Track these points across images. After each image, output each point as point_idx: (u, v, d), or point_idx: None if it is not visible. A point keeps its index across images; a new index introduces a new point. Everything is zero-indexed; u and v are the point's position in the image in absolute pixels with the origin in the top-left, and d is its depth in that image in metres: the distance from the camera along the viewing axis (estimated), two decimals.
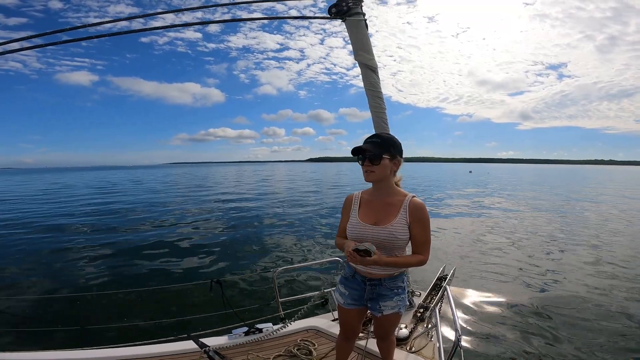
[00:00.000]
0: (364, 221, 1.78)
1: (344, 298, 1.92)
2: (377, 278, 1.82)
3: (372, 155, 1.71)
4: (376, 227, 1.73)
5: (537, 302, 5.32)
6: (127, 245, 9.21)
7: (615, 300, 5.46)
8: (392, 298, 1.83)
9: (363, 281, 1.85)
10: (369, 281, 1.84)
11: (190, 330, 2.54)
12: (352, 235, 1.79)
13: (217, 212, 15.08)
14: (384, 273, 1.81)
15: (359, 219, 1.79)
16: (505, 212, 15.69)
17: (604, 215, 14.64)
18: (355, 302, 1.90)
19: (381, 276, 1.82)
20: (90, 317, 4.75)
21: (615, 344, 4.16)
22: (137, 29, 2.67)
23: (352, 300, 1.90)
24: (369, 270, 1.81)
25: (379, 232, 1.72)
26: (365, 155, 1.72)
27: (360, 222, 1.78)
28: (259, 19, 2.74)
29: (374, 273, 1.81)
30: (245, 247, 8.92)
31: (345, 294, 1.91)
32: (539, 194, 25.02)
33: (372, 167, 1.72)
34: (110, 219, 13.57)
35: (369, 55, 2.92)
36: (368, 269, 1.80)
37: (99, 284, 6.29)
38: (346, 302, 1.91)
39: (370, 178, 1.76)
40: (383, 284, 1.82)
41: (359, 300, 1.89)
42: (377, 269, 1.79)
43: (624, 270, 7.01)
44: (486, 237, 10.23)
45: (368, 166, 1.73)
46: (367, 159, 1.72)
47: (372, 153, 1.70)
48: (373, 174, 1.74)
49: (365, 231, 1.75)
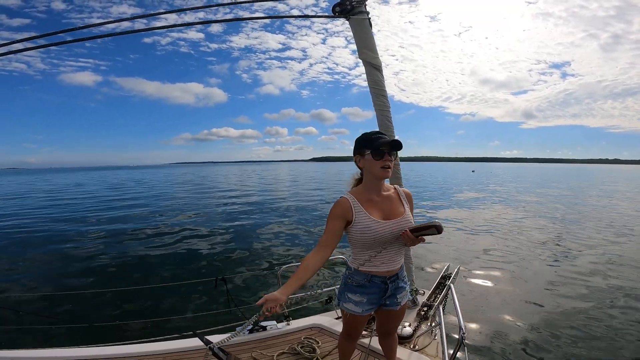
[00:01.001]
0: (379, 219, 1.70)
1: (361, 306, 1.79)
2: (395, 274, 1.80)
3: (398, 149, 1.70)
4: (392, 221, 1.71)
5: (541, 301, 5.29)
6: (132, 243, 9.29)
7: (620, 300, 5.41)
8: (405, 288, 1.86)
9: (383, 282, 1.79)
10: (389, 279, 1.79)
11: (195, 327, 2.56)
12: (370, 235, 1.68)
13: (221, 211, 15.14)
14: (399, 266, 1.81)
15: (374, 218, 1.70)
16: (511, 210, 15.62)
17: (612, 216, 14.52)
18: (372, 305, 1.84)
19: (398, 270, 1.81)
20: (97, 314, 4.78)
21: (618, 344, 4.13)
22: (140, 29, 2.69)
23: (370, 305, 1.82)
24: (390, 268, 1.76)
25: (397, 224, 1.70)
26: (393, 150, 1.69)
27: (377, 220, 1.69)
28: (261, 18, 2.75)
29: (393, 270, 1.78)
30: (249, 244, 8.95)
31: (362, 302, 1.79)
32: (545, 193, 24.89)
33: (391, 163, 1.69)
34: (116, 218, 13.67)
35: (373, 53, 2.91)
36: (389, 267, 1.75)
37: (104, 281, 6.35)
38: (364, 309, 1.80)
39: (389, 174, 1.70)
40: (399, 277, 1.83)
41: (376, 302, 1.84)
42: (395, 265, 1.78)
43: (632, 270, 6.94)
44: (491, 236, 10.20)
45: (389, 161, 1.67)
46: (390, 154, 1.67)
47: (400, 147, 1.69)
48: (391, 170, 1.69)
49: (385, 227, 1.69)
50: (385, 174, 1.67)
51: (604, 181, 44.07)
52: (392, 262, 1.76)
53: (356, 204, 1.71)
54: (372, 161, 1.67)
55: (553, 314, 4.88)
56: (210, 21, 2.55)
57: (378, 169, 1.66)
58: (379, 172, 1.66)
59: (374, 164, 1.66)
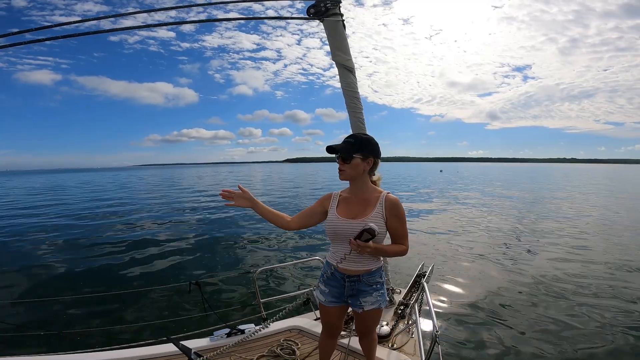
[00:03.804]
0: (342, 216, 1.83)
1: (324, 296, 1.94)
2: (355, 274, 1.85)
3: (344, 154, 1.78)
4: (353, 221, 1.78)
5: (511, 296, 5.51)
6: (102, 248, 8.86)
7: (589, 293, 5.65)
8: (371, 294, 1.86)
9: (342, 278, 1.87)
10: (347, 278, 1.86)
11: (170, 333, 2.48)
12: (330, 229, 1.86)
13: (193, 214, 14.76)
14: (362, 269, 1.84)
15: (338, 214, 1.85)
16: (480, 208, 16.29)
17: (578, 210, 15.50)
18: (336, 299, 1.93)
19: (359, 272, 1.84)
20: (68, 321, 4.59)
21: (584, 337, 4.28)
22: (109, 28, 2.59)
23: (332, 297, 1.93)
24: (347, 267, 1.83)
25: (355, 225, 1.75)
26: (338, 154, 1.81)
27: (339, 217, 1.83)
28: (235, 19, 2.72)
29: (352, 270, 1.84)
30: (224, 248, 8.78)
31: (325, 291, 1.94)
32: (509, 193, 26.13)
33: (344, 166, 1.80)
34: (82, 223, 12.99)
35: (346, 55, 2.94)
36: (347, 265, 1.81)
37: (75, 287, 6.05)
38: (327, 300, 1.94)
39: (341, 176, 1.84)
40: (362, 280, 1.85)
41: (339, 297, 1.92)
42: (355, 266, 1.82)
43: (599, 263, 7.32)
44: (463, 233, 10.58)
45: (340, 164, 1.81)
46: (340, 158, 1.80)
47: (344, 152, 1.78)
48: (344, 172, 1.81)
49: (342, 224, 1.80)
50: (340, 175, 1.84)
51: (563, 179, 46.90)
52: (352, 262, 1.82)
53: (335, 199, 1.92)
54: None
55: (523, 308, 5.05)
56: (183, 22, 2.49)
57: (338, 172, 1.84)
58: (339, 175, 1.84)
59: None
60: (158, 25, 2.54)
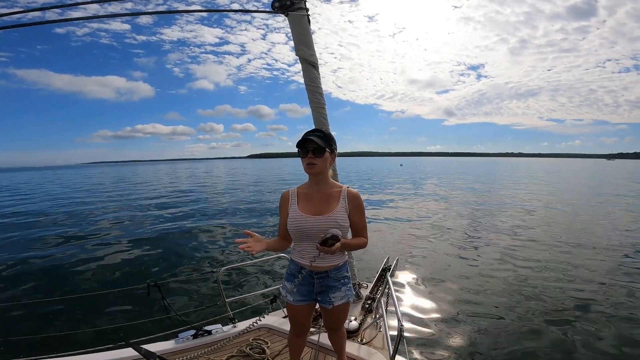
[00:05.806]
0: (305, 213, 1.80)
1: (292, 295, 1.90)
2: (323, 271, 1.85)
3: (316, 147, 1.74)
4: (319, 217, 1.77)
5: (471, 286, 5.72)
6: (52, 250, 8.21)
7: (544, 282, 5.94)
8: (340, 288, 1.88)
9: (311, 276, 1.86)
10: (316, 275, 1.85)
11: (129, 337, 2.34)
12: (293, 227, 1.80)
13: (149, 213, 14.02)
14: (329, 265, 1.85)
15: (300, 211, 1.81)
16: (440, 201, 17.08)
17: (528, 202, 16.68)
18: (304, 297, 1.91)
19: (327, 268, 1.85)
20: (17, 327, 4.24)
21: (548, 327, 4.43)
22: (54, 19, 2.37)
23: (301, 296, 1.91)
24: (315, 264, 1.80)
25: (322, 221, 1.75)
26: (310, 147, 1.75)
27: (302, 214, 1.80)
28: (198, 11, 2.60)
29: (320, 266, 1.83)
30: (184, 248, 8.44)
31: (293, 291, 1.90)
32: (465, 185, 27.63)
33: (315, 160, 1.75)
34: (30, 224, 11.97)
35: (310, 50, 2.93)
36: (315, 263, 1.79)
37: (23, 292, 5.60)
38: (295, 299, 1.91)
39: (312, 170, 1.78)
40: (330, 275, 1.86)
41: (307, 295, 1.91)
42: (323, 262, 1.82)
43: (551, 253, 7.79)
44: (424, 226, 10.97)
45: (312, 158, 1.75)
46: (310, 152, 1.75)
47: (317, 146, 1.73)
48: (315, 166, 1.76)
49: (307, 222, 1.77)
50: (308, 169, 1.79)
51: (512, 172, 50.46)
52: (319, 260, 1.80)
53: (293, 197, 1.87)
54: (301, 159, 1.80)
55: (483, 298, 5.26)
56: (140, 13, 2.33)
57: (305, 166, 1.79)
58: (305, 169, 1.80)
59: (302, 161, 1.79)
60: (112, 17, 2.37)
